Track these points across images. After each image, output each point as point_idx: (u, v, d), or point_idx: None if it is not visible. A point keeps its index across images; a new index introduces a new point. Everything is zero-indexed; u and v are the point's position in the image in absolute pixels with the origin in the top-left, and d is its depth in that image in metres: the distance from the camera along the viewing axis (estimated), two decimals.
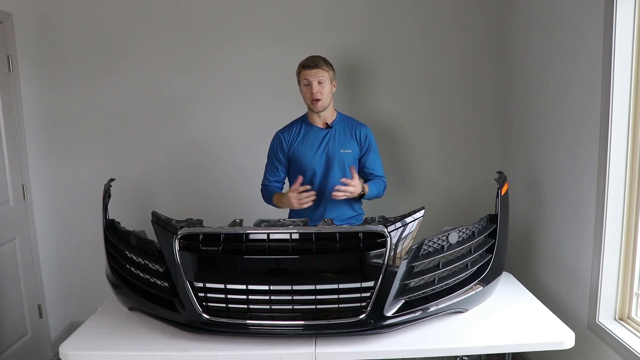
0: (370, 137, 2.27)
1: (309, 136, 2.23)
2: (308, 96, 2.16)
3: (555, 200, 2.29)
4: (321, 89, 2.13)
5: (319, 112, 2.19)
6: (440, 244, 1.68)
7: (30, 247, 2.78)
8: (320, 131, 2.23)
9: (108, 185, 1.96)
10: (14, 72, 2.64)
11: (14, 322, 2.64)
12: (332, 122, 2.24)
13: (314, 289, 1.56)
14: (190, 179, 3.01)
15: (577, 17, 2.05)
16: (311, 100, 2.15)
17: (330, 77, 2.17)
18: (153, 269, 1.72)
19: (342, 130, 2.25)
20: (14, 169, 2.66)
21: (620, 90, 1.80)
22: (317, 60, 2.15)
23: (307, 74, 2.13)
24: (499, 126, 2.95)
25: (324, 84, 2.14)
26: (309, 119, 2.26)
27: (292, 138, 2.24)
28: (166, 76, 2.91)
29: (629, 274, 1.89)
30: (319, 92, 2.13)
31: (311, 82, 2.13)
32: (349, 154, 2.22)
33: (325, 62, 2.17)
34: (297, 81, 2.22)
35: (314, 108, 2.17)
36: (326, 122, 2.23)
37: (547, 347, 1.60)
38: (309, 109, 2.23)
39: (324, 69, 2.14)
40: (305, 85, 2.15)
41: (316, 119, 2.23)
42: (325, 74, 2.14)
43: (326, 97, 2.16)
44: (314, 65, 2.13)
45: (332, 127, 2.23)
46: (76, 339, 1.66)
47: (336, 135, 2.23)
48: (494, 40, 2.87)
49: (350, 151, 2.22)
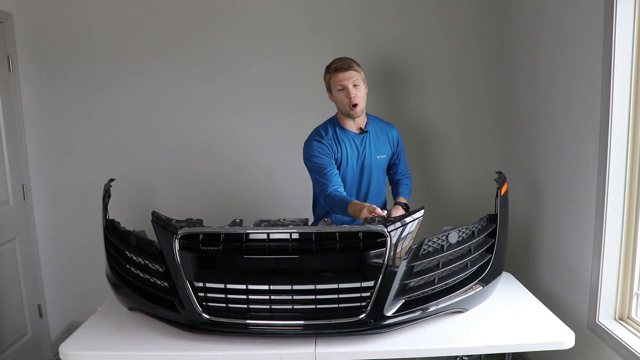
0: (400, 139, 2.24)
1: (346, 142, 2.10)
2: (346, 102, 2.00)
3: (555, 200, 2.29)
4: (357, 92, 2.00)
5: (358, 117, 2.06)
6: (440, 244, 1.68)
7: (30, 247, 2.78)
8: (356, 137, 2.11)
9: (108, 185, 1.96)
10: (14, 72, 2.64)
11: (14, 322, 2.64)
12: (366, 126, 2.13)
13: (313, 288, 1.55)
14: (190, 178, 3.01)
15: (577, 17, 2.05)
16: (349, 106, 2.00)
17: (363, 77, 2.05)
18: (153, 269, 1.72)
19: (376, 134, 2.15)
20: (14, 169, 2.66)
21: (620, 90, 1.80)
22: (349, 62, 2.01)
23: (341, 78, 1.99)
24: (499, 126, 2.95)
25: (359, 86, 2.02)
26: (341, 123, 2.12)
27: (331, 142, 2.08)
28: (166, 76, 2.91)
29: (629, 274, 1.89)
30: (356, 96, 1.99)
31: (346, 86, 1.99)
32: (383, 160, 2.17)
33: (356, 63, 2.04)
34: (327, 87, 2.08)
35: (353, 114, 2.03)
36: (360, 127, 2.12)
37: (547, 347, 1.60)
38: (346, 115, 2.08)
39: (357, 70, 2.02)
40: (340, 91, 2.01)
41: (350, 123, 2.10)
42: (358, 75, 2.02)
43: (363, 101, 2.03)
44: (346, 67, 1.99)
45: (368, 132, 2.11)
46: (76, 339, 1.66)
47: (371, 140, 2.13)
48: (494, 40, 2.87)
49: (385, 156, 2.17)
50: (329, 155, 2.05)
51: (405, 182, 2.26)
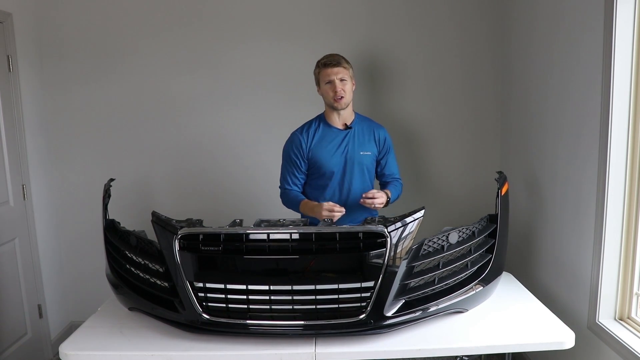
0: (388, 139, 2.25)
1: (328, 137, 2.17)
2: (331, 94, 2.10)
3: (555, 200, 2.29)
4: (344, 86, 2.09)
5: (342, 109, 2.14)
6: (440, 244, 1.68)
7: (30, 247, 2.78)
8: (339, 132, 2.17)
9: (108, 185, 1.96)
10: (14, 72, 2.64)
11: (14, 322, 2.64)
12: (352, 123, 2.19)
13: (314, 289, 1.56)
14: (190, 179, 3.01)
15: (578, 17, 2.05)
16: (334, 98, 2.09)
17: (351, 74, 2.14)
18: (153, 269, 1.72)
19: (361, 131, 2.20)
20: (14, 169, 2.66)
21: (620, 90, 1.80)
22: (338, 58, 2.11)
23: (329, 72, 2.09)
24: (499, 126, 2.95)
25: (346, 82, 2.10)
26: (327, 119, 2.20)
27: (310, 138, 2.17)
28: (166, 76, 2.91)
29: (629, 274, 1.89)
30: (342, 90, 2.08)
31: (333, 80, 2.09)
32: (368, 156, 2.19)
33: (345, 60, 2.13)
34: (316, 81, 2.17)
35: (337, 105, 2.11)
36: (345, 123, 2.18)
37: (547, 347, 1.60)
38: (331, 108, 2.16)
39: (345, 67, 2.11)
40: (327, 84, 2.10)
41: (335, 119, 2.18)
42: (346, 71, 2.11)
43: (348, 95, 2.12)
44: (335, 63, 2.09)
45: (352, 128, 2.18)
46: (76, 339, 1.66)
47: (356, 136, 2.18)
48: (494, 40, 2.87)
49: (370, 153, 2.19)
50: (300, 152, 2.16)
51: (394, 183, 2.25)
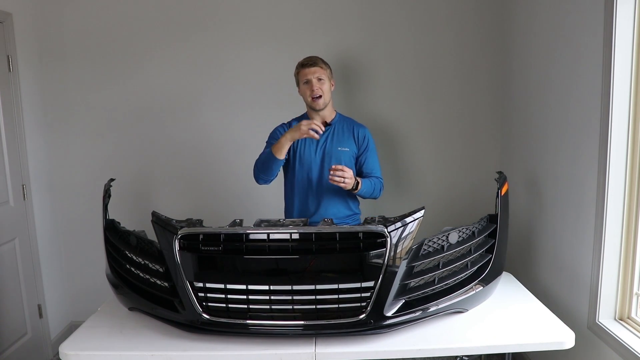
0: (368, 138, 2.29)
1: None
2: (308, 94, 2.19)
3: (555, 200, 2.29)
4: (321, 85, 2.18)
5: (320, 109, 2.22)
6: (440, 244, 1.68)
7: (30, 247, 2.78)
8: None
9: (108, 185, 1.96)
10: (14, 72, 2.64)
11: (14, 322, 2.64)
12: (332, 121, 2.27)
13: (314, 289, 1.56)
14: (191, 179, 3.01)
15: (577, 17, 2.05)
16: (312, 98, 2.18)
17: (328, 75, 2.22)
18: (153, 269, 1.72)
19: (341, 129, 2.27)
20: (14, 169, 2.66)
21: (620, 90, 1.80)
22: (315, 59, 2.21)
23: (307, 72, 2.18)
24: (499, 126, 2.95)
25: (323, 81, 2.19)
26: (308, 117, 2.27)
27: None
28: (166, 76, 2.91)
29: (629, 274, 1.89)
30: (319, 89, 2.17)
31: (310, 80, 2.17)
32: (346, 152, 2.23)
33: (323, 61, 2.22)
34: (296, 82, 2.27)
35: (315, 105, 2.20)
36: (325, 121, 2.25)
37: (547, 347, 1.60)
38: (310, 108, 2.26)
39: (322, 67, 2.20)
40: (305, 84, 2.20)
41: (316, 117, 2.25)
42: (323, 72, 2.19)
43: (326, 94, 2.20)
44: (312, 64, 2.18)
45: (331, 126, 2.25)
46: (76, 339, 1.66)
47: (335, 133, 2.25)
48: (494, 40, 2.87)
49: (348, 149, 2.23)
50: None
51: (372, 179, 2.23)
